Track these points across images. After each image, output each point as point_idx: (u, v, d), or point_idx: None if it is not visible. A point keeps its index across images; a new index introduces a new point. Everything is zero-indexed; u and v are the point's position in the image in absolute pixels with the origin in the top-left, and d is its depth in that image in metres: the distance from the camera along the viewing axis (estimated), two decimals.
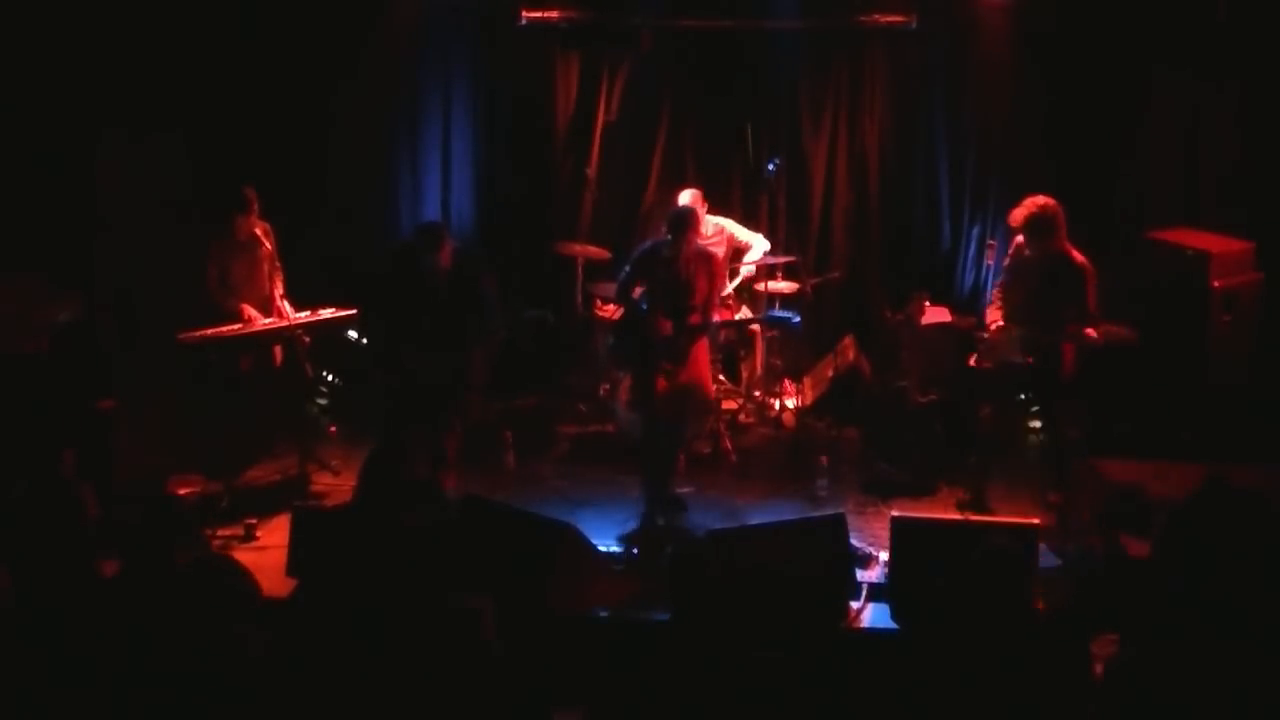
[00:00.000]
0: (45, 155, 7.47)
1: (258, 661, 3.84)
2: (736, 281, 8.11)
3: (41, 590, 3.96)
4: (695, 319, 6.55)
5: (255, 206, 6.90)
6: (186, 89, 7.88)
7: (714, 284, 6.63)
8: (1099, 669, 4.36)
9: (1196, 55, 7.91)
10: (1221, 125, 7.95)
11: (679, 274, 6.52)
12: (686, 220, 6.54)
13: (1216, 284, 7.20)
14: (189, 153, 7.85)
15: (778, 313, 7.75)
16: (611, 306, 7.44)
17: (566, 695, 4.49)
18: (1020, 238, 6.59)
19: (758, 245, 8.03)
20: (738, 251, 8.06)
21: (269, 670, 3.85)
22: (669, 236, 6.51)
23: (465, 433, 6.93)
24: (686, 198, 7.86)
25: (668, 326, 6.49)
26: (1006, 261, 6.75)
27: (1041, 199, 6.37)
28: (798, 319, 6.97)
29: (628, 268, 6.81)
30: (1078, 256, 6.38)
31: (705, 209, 7.88)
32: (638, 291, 6.68)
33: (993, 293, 6.92)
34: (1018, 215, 6.42)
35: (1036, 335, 6.44)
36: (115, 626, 3.85)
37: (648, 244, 6.84)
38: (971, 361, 6.77)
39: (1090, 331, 6.29)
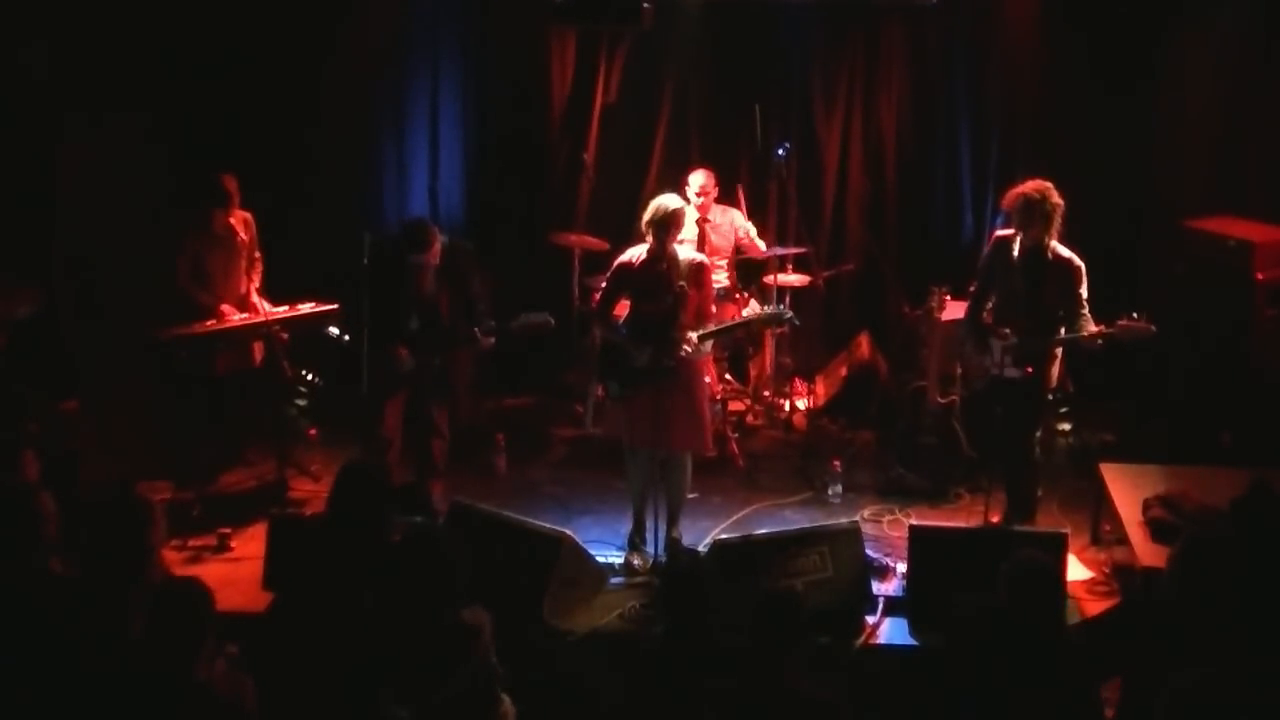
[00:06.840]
0: (3, 140, 7.29)
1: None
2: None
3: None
4: (687, 333, 6.06)
5: (235, 199, 6.85)
6: (156, 68, 7.72)
7: (705, 293, 6.19)
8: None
9: (1236, 26, 7.74)
10: (1266, 103, 7.76)
11: (667, 283, 6.07)
12: (670, 221, 6.05)
13: (1260, 276, 7.08)
14: (160, 137, 7.71)
15: (772, 310, 7.52)
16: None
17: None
18: (1000, 231, 6.40)
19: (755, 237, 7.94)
20: (739, 248, 7.92)
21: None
22: (649, 239, 6.10)
23: (453, 435, 6.83)
24: (699, 178, 7.70)
25: (645, 355, 6.06)
26: (984, 259, 6.49)
27: (1040, 183, 6.11)
28: (789, 314, 6.82)
29: (606, 283, 6.45)
30: (1065, 253, 6.11)
31: (717, 192, 7.76)
32: (622, 307, 6.30)
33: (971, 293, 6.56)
34: (1011, 197, 6.18)
35: (1026, 343, 6.12)
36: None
37: (625, 256, 6.36)
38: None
39: (1093, 330, 5.98)
